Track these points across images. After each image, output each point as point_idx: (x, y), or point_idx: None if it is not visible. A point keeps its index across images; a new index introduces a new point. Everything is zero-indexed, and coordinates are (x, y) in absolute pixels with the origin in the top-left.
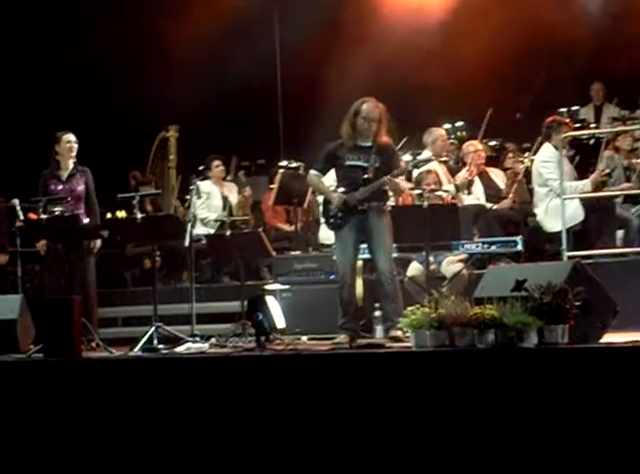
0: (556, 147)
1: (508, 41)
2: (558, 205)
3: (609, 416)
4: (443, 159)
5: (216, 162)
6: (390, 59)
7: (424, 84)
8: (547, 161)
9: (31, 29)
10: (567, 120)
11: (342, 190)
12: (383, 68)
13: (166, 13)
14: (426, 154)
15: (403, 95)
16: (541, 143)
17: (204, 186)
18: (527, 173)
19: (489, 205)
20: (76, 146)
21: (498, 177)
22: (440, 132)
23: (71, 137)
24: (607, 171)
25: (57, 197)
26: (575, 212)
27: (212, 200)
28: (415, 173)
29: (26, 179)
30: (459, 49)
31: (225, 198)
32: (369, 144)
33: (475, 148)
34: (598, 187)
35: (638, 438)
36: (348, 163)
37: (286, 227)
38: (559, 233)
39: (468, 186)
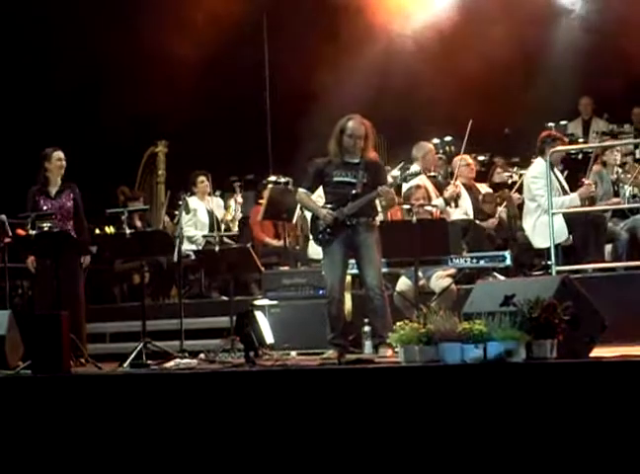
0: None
1: (498, 57)
2: (545, 222)
3: (599, 430)
4: (432, 174)
5: (201, 177)
6: (380, 75)
7: (413, 99)
8: (537, 177)
9: (20, 44)
10: (561, 136)
11: (330, 206)
12: (373, 84)
13: (156, 31)
14: (415, 168)
15: (392, 110)
16: (535, 157)
17: (191, 201)
18: (518, 187)
19: (477, 222)
20: (65, 163)
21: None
22: (429, 147)
23: (61, 154)
24: (592, 188)
25: (46, 213)
26: (559, 230)
27: (199, 217)
28: (404, 187)
29: (12, 195)
30: (450, 65)
31: (211, 214)
32: (357, 161)
33: (467, 162)
34: (587, 201)
35: (627, 452)
36: (335, 179)
37: (275, 242)
38: (547, 248)
39: (456, 199)
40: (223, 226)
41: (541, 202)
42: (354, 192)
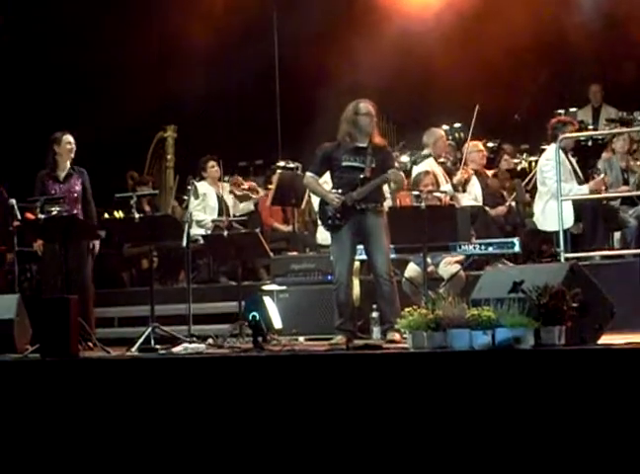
0: (561, 148)
1: (508, 43)
2: (554, 207)
3: (607, 417)
4: (441, 160)
5: (211, 162)
6: (391, 61)
7: (422, 86)
8: (549, 160)
9: (29, 27)
10: (572, 120)
11: (339, 191)
12: (384, 70)
13: (164, 14)
14: (425, 151)
15: (403, 96)
16: (548, 143)
17: (200, 186)
18: (525, 173)
19: (486, 208)
20: (74, 147)
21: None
22: (440, 133)
23: (70, 138)
24: (604, 183)
25: (55, 197)
26: (566, 215)
27: (208, 201)
28: (413, 172)
29: (21, 179)
30: (459, 51)
31: (221, 199)
32: (365, 145)
33: (477, 148)
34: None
35: (636, 440)
36: (344, 164)
37: (283, 227)
38: (556, 234)
39: (464, 184)
40: (232, 211)
41: (550, 186)
42: (362, 176)
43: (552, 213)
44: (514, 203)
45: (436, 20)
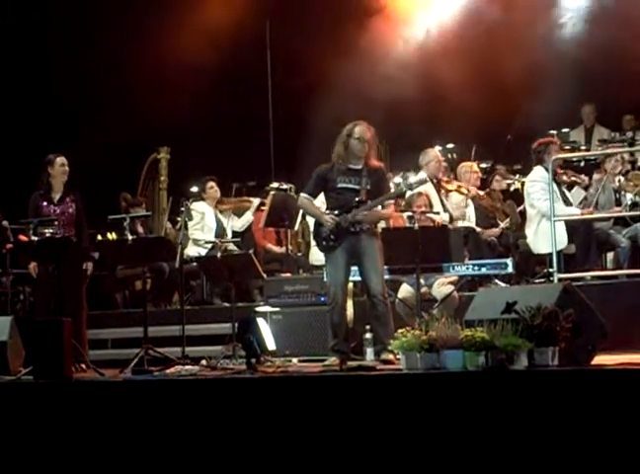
0: (547, 169)
1: (501, 64)
2: (547, 228)
3: (601, 438)
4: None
5: (210, 183)
6: (382, 82)
7: (415, 107)
8: (534, 181)
9: (23, 48)
10: (553, 138)
11: (334, 212)
12: (375, 91)
13: (159, 35)
14: (421, 174)
15: (394, 117)
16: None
17: (199, 206)
18: (518, 194)
19: (479, 229)
20: (68, 169)
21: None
22: (434, 153)
23: (64, 160)
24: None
25: (48, 218)
26: (559, 236)
27: (207, 221)
28: (407, 194)
29: (14, 200)
30: (451, 71)
31: (219, 220)
32: (360, 167)
33: (472, 169)
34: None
35: (628, 460)
36: (339, 185)
37: (276, 248)
38: (549, 255)
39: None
40: (233, 227)
41: (539, 207)
42: (357, 199)
43: (545, 235)
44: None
45: (430, 43)
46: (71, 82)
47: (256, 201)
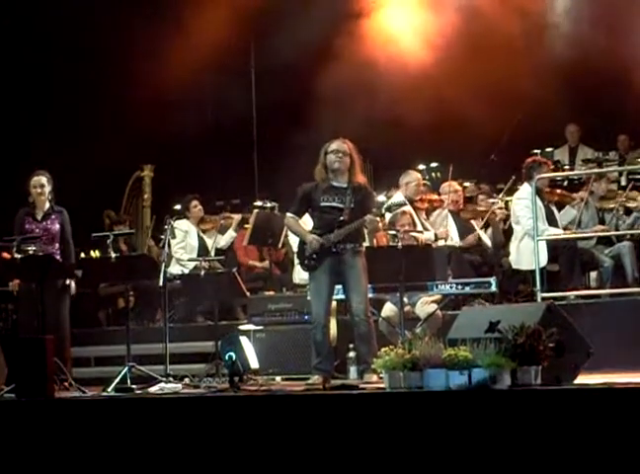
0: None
1: (485, 84)
2: (528, 245)
3: (583, 457)
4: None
5: (194, 202)
6: (368, 102)
7: (400, 126)
8: (521, 198)
9: (9, 61)
10: (547, 161)
11: (318, 231)
12: (360, 110)
13: (139, 54)
14: (398, 196)
15: (379, 136)
16: (521, 183)
17: (182, 224)
18: (503, 218)
19: (458, 241)
20: (45, 190)
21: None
22: (416, 176)
23: (38, 181)
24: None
25: (31, 236)
26: (541, 255)
27: (190, 240)
28: (388, 215)
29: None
30: (436, 90)
31: (202, 239)
32: (345, 185)
33: (454, 189)
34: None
35: None
36: (322, 204)
37: (259, 264)
38: (533, 274)
39: (446, 235)
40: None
41: (524, 224)
42: (341, 218)
43: (526, 252)
44: (487, 240)
45: (412, 61)
46: (55, 100)
47: (237, 217)
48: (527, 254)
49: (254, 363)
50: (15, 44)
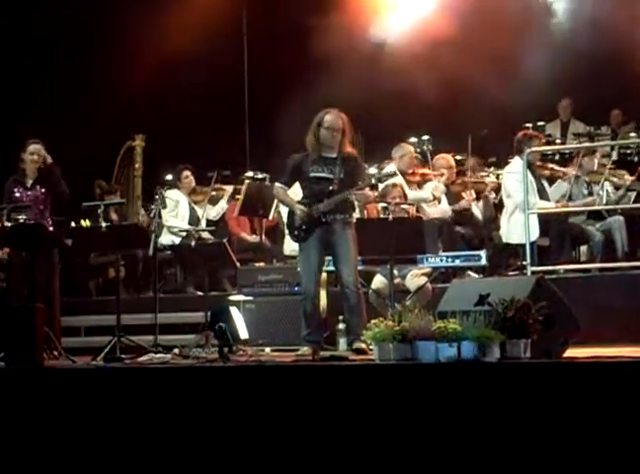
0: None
1: (477, 58)
2: (519, 219)
3: (571, 430)
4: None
5: (185, 173)
6: (358, 71)
7: (391, 97)
8: (512, 172)
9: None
10: (538, 134)
11: (306, 201)
12: (353, 82)
13: (131, 22)
14: (390, 167)
15: (369, 107)
16: (513, 156)
17: (173, 194)
18: (494, 188)
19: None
20: (39, 158)
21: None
22: (409, 149)
23: (36, 149)
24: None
25: (21, 205)
26: (531, 229)
27: (180, 209)
28: (380, 186)
29: None
30: (427, 63)
31: (193, 209)
32: (334, 155)
33: (448, 162)
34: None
35: (600, 453)
36: (312, 175)
37: (250, 238)
38: (523, 248)
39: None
40: (204, 222)
41: (515, 198)
42: (330, 188)
43: (517, 226)
44: (478, 213)
45: (408, 35)
46: (46, 69)
47: (229, 189)
48: (518, 227)
49: (243, 334)
50: (6, 14)
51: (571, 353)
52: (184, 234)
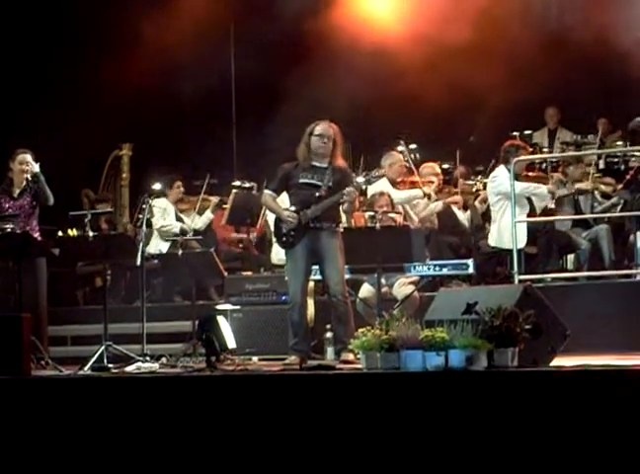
0: (510, 170)
1: (463, 64)
2: (509, 224)
3: (558, 439)
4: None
5: (177, 183)
6: (348, 83)
7: (378, 106)
8: (497, 176)
9: None
10: (525, 145)
11: (293, 208)
12: (341, 91)
13: (117, 31)
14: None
15: (357, 116)
16: (496, 165)
17: (161, 202)
18: (479, 195)
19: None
20: (30, 167)
21: None
22: (399, 157)
23: (25, 159)
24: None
25: (8, 214)
26: (519, 236)
27: (168, 217)
28: (368, 193)
29: None
30: (414, 72)
31: (180, 218)
32: (325, 165)
33: (433, 170)
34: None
35: (587, 461)
36: (301, 181)
37: (236, 235)
38: (510, 256)
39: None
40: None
41: (501, 207)
42: (317, 194)
43: (508, 231)
44: (465, 222)
45: (398, 43)
46: (32, 78)
47: (215, 200)
48: (509, 233)
49: (231, 343)
50: None
51: (558, 361)
52: (175, 238)
